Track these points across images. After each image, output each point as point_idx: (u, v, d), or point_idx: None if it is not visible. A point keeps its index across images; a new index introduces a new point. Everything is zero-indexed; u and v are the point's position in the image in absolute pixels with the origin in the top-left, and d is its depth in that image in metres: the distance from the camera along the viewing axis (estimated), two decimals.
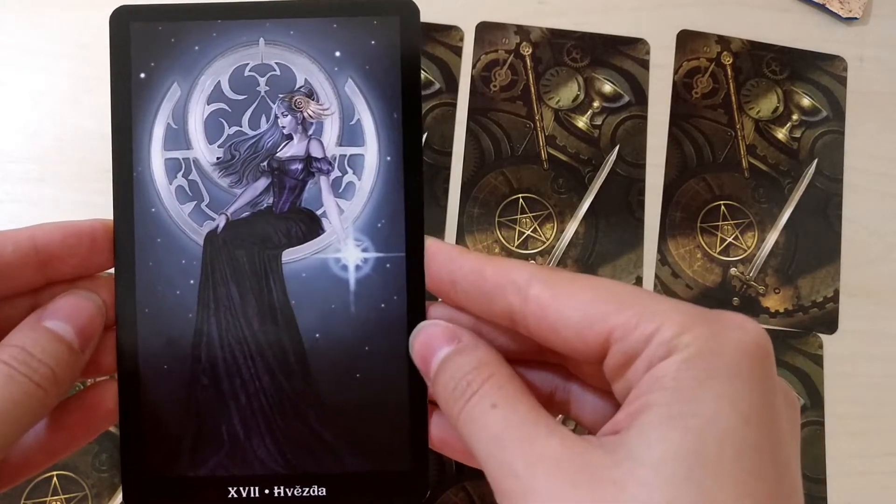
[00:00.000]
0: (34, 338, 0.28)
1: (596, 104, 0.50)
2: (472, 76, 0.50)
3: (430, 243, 0.31)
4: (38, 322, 0.29)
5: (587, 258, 0.48)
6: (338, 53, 0.32)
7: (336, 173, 0.32)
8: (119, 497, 0.43)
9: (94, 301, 0.30)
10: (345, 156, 0.32)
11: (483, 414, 0.26)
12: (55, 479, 0.44)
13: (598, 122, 0.50)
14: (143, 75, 0.32)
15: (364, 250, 0.32)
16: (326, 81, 0.32)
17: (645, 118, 0.50)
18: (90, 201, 0.47)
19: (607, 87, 0.51)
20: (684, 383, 0.24)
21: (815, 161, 0.50)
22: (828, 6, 0.52)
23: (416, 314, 0.31)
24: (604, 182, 0.49)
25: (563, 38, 0.51)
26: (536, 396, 0.28)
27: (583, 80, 0.51)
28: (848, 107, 0.51)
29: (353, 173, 0.32)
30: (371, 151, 0.32)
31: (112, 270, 0.32)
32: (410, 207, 0.32)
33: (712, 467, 0.22)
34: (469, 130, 0.49)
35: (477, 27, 0.51)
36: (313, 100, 0.32)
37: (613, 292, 0.26)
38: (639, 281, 0.48)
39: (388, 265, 0.32)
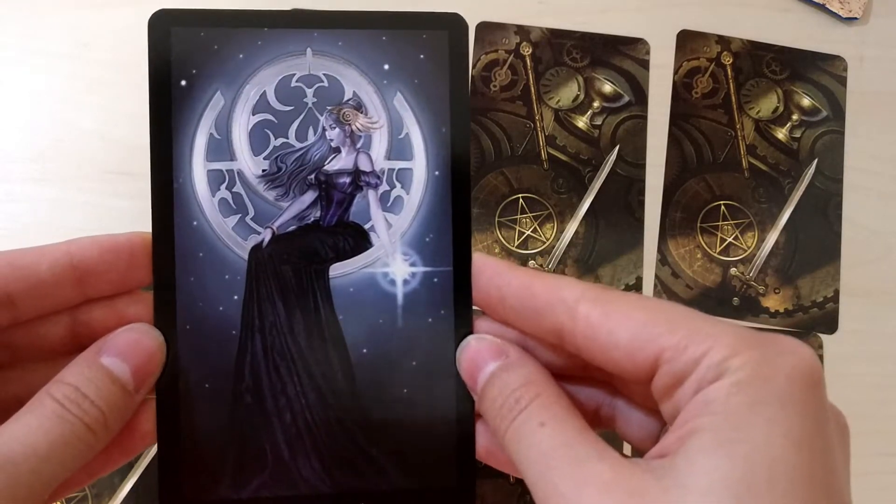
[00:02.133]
0: (88, 377, 0.27)
1: (596, 104, 0.50)
2: (472, 76, 0.50)
3: (478, 258, 0.31)
4: (94, 358, 0.28)
5: (587, 258, 0.48)
6: (386, 66, 0.31)
7: (384, 187, 0.31)
8: (119, 497, 0.43)
9: (155, 338, 0.30)
10: (393, 170, 0.31)
11: (531, 432, 0.26)
12: None
13: (598, 122, 0.50)
14: (184, 83, 0.31)
15: (412, 265, 0.31)
16: (375, 94, 0.31)
17: (645, 118, 0.50)
18: (90, 201, 0.47)
19: (607, 87, 0.51)
20: (734, 408, 0.23)
21: (815, 161, 0.50)
22: (828, 6, 0.52)
23: (463, 328, 0.31)
24: (604, 182, 0.49)
25: (563, 38, 0.51)
26: (582, 412, 0.27)
27: (583, 80, 0.51)
28: (848, 107, 0.51)
29: (402, 187, 0.31)
30: (419, 166, 0.31)
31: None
32: (458, 222, 0.31)
33: (762, 496, 0.22)
34: None
35: (477, 27, 0.51)
36: (362, 113, 0.31)
37: (664, 313, 0.26)
38: (639, 281, 0.48)
39: (435, 279, 0.31)
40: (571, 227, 0.49)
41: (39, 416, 0.26)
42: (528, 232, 0.49)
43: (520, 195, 0.49)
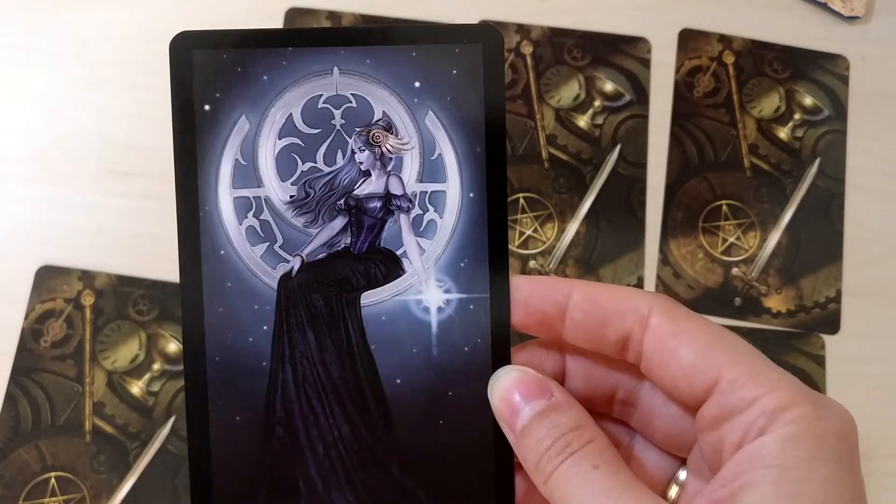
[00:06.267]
0: None
1: (597, 103, 0.50)
2: None
3: (522, 279, 0.30)
4: None
5: (588, 258, 0.48)
6: (417, 84, 0.30)
7: (417, 211, 0.30)
8: (118, 497, 0.43)
9: None
10: (426, 192, 0.30)
11: (584, 473, 0.26)
12: (53, 480, 0.43)
13: (600, 121, 0.50)
14: (207, 107, 0.29)
15: (446, 291, 0.30)
16: (405, 114, 0.30)
17: (646, 117, 0.50)
18: (90, 201, 0.47)
19: (608, 86, 0.50)
20: (791, 462, 0.23)
21: (818, 160, 0.50)
22: (830, 5, 0.52)
23: (501, 358, 0.30)
24: (605, 182, 0.49)
25: (563, 36, 0.51)
26: None
27: (584, 79, 0.50)
28: (850, 106, 0.51)
29: (435, 211, 0.30)
30: (453, 188, 0.30)
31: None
32: (494, 246, 0.30)
33: None
34: None
35: None
36: (392, 133, 0.30)
37: (730, 343, 0.26)
38: (640, 281, 0.48)
39: (471, 307, 0.30)
40: (572, 227, 0.49)
41: None
42: (529, 232, 0.49)
43: (520, 195, 0.49)
